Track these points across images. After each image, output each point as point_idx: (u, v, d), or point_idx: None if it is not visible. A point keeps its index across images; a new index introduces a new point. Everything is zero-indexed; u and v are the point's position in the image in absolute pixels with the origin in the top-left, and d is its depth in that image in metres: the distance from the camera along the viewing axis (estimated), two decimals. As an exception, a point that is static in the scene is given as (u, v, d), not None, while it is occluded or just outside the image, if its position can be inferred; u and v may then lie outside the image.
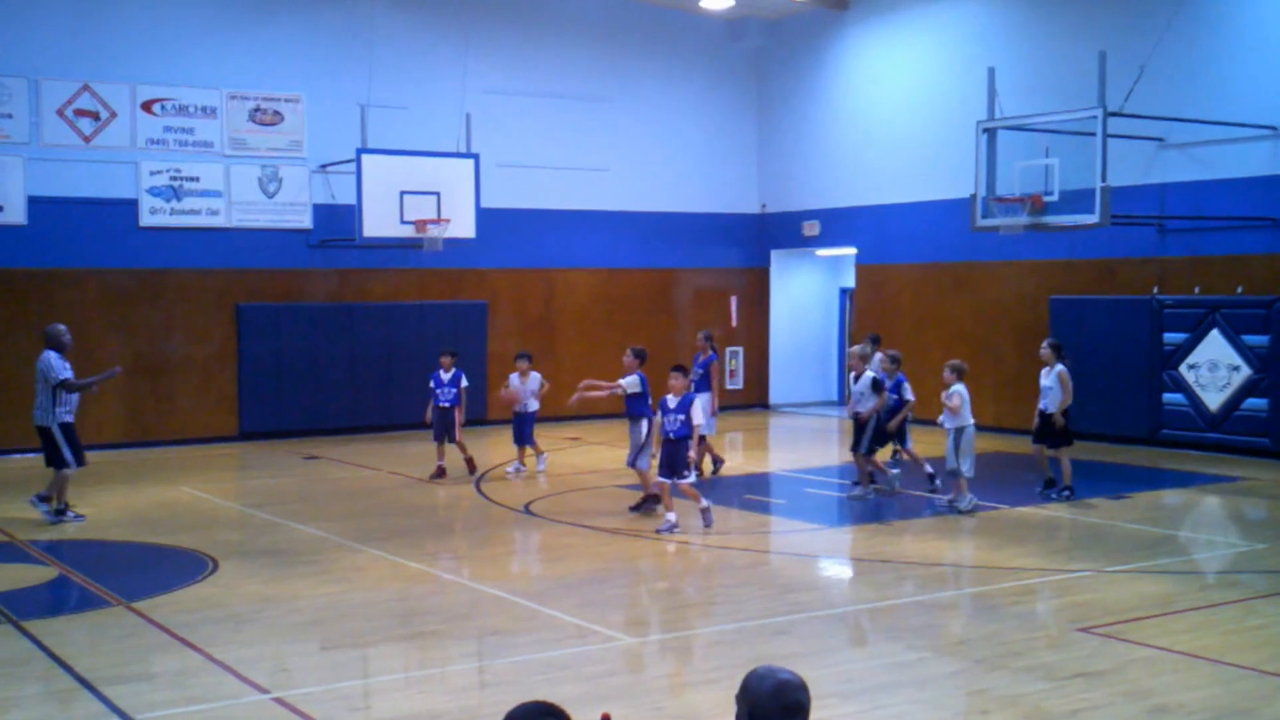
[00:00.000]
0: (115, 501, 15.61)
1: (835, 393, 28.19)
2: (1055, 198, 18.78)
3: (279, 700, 8.72)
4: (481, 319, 24.68)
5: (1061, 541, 14.18)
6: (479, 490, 17.49)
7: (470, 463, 18.37)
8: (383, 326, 23.55)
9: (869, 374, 16.65)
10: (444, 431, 18.29)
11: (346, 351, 23.21)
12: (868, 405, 16.49)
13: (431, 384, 18.51)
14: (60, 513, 15.27)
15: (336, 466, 19.68)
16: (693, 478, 14.76)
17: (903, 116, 24.83)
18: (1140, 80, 18.96)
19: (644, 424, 15.36)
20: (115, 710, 8.52)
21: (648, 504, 15.41)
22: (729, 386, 27.08)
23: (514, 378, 18.87)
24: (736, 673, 9.36)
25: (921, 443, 18.53)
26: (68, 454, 15.15)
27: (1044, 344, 17.26)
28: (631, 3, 26.24)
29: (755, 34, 27.26)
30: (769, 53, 27.67)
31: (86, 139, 21.48)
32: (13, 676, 9.31)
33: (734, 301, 27.67)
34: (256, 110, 22.83)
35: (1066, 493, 16.45)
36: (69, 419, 15.29)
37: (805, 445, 23.08)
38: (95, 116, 21.53)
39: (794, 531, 15.15)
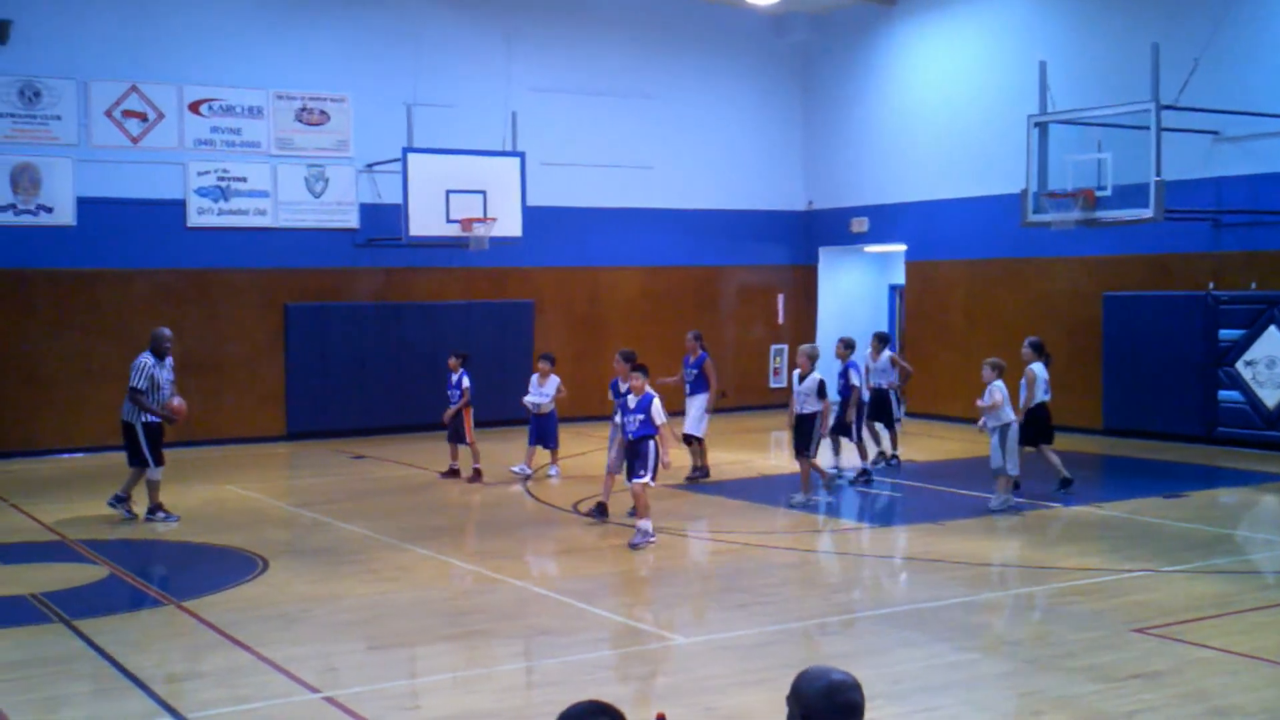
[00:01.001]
0: (164, 501, 15.64)
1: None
2: (1108, 192, 18.59)
3: (328, 699, 8.69)
4: (528, 318, 24.65)
5: (1115, 541, 13.97)
6: (526, 489, 17.45)
7: (476, 472, 18.20)
8: (429, 326, 23.56)
9: (815, 375, 15.77)
10: (453, 433, 18.31)
11: (393, 351, 23.23)
12: (813, 408, 15.69)
13: (447, 388, 18.60)
14: (151, 512, 15.30)
15: (384, 466, 19.69)
16: (647, 479, 13.76)
17: (952, 111, 24.60)
18: (1194, 72, 18.74)
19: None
20: (166, 708, 8.52)
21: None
22: (773, 385, 26.95)
23: (534, 379, 18.55)
24: (787, 673, 9.26)
25: (953, 439, 18.26)
26: (148, 454, 15.18)
27: (1025, 343, 17.18)
28: (677, -1, 26.21)
29: (802, 28, 27.09)
30: (815, 47, 27.50)
31: (134, 140, 21.61)
32: (64, 674, 9.33)
33: (781, 299, 27.52)
34: (303, 110, 22.90)
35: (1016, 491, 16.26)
36: (153, 420, 15.29)
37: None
38: (143, 118, 21.65)
39: (841, 531, 15.03)
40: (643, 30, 25.95)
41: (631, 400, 14.02)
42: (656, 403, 13.78)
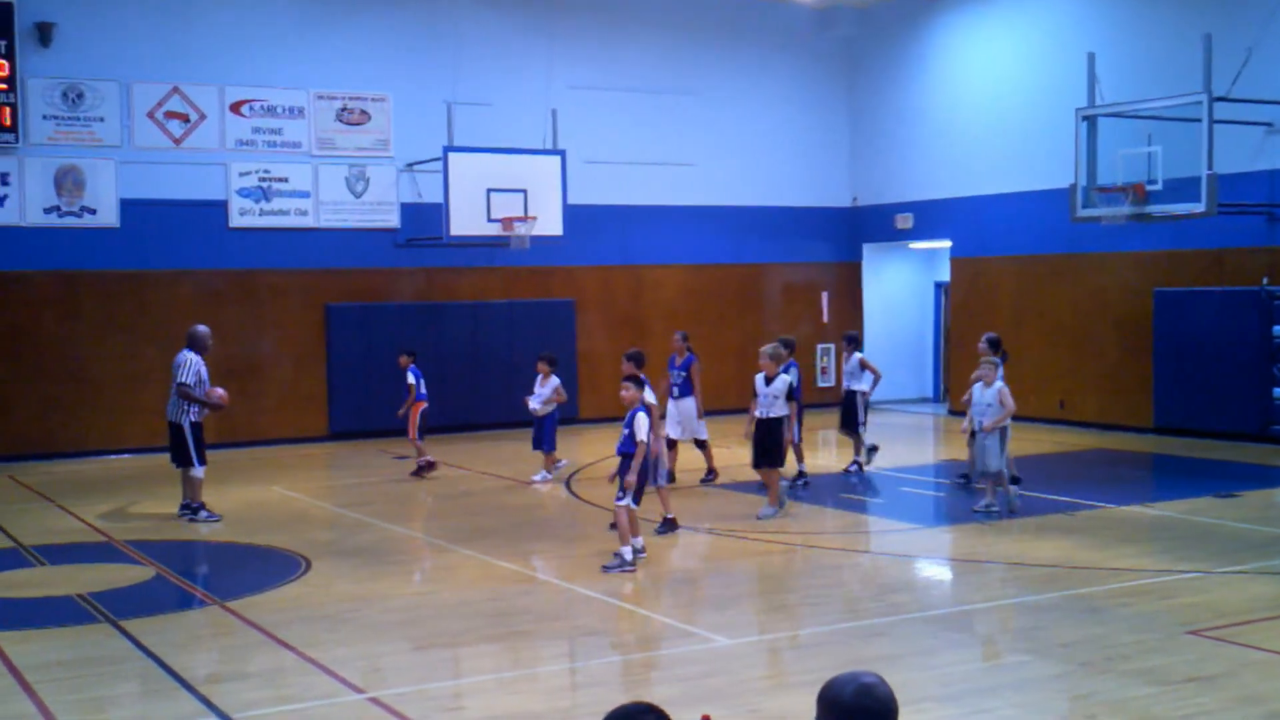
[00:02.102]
0: (208, 502, 15.68)
1: (931, 389, 27.78)
2: (1159, 186, 18.33)
3: (373, 700, 8.64)
4: (570, 317, 24.59)
5: (1167, 541, 13.75)
6: (569, 490, 17.38)
7: (429, 464, 18.45)
8: (470, 325, 23.53)
9: (785, 377, 14.92)
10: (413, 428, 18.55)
11: (434, 351, 23.19)
12: (779, 412, 14.86)
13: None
14: (193, 511, 15.35)
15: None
16: (627, 500, 12.51)
17: (999, 105, 24.36)
18: (1248, 63, 18.45)
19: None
20: (212, 708, 8.49)
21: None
22: (820, 384, 26.79)
23: (537, 380, 18.26)
24: (834, 673, 9.14)
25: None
26: (195, 454, 15.22)
27: (983, 338, 17.03)
28: (719, -5, 26.09)
29: (845, 22, 26.90)
30: (860, 42, 27.32)
31: (177, 141, 21.68)
32: (111, 675, 9.32)
33: (825, 297, 27.34)
34: (344, 110, 22.92)
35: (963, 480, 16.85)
36: (199, 419, 15.37)
37: (900, 443, 22.68)
38: (185, 119, 21.72)
39: (890, 531, 14.87)
40: (684, 26, 25.84)
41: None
42: (641, 417, 12.63)
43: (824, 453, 21.18)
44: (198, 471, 15.35)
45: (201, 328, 15.76)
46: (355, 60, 22.97)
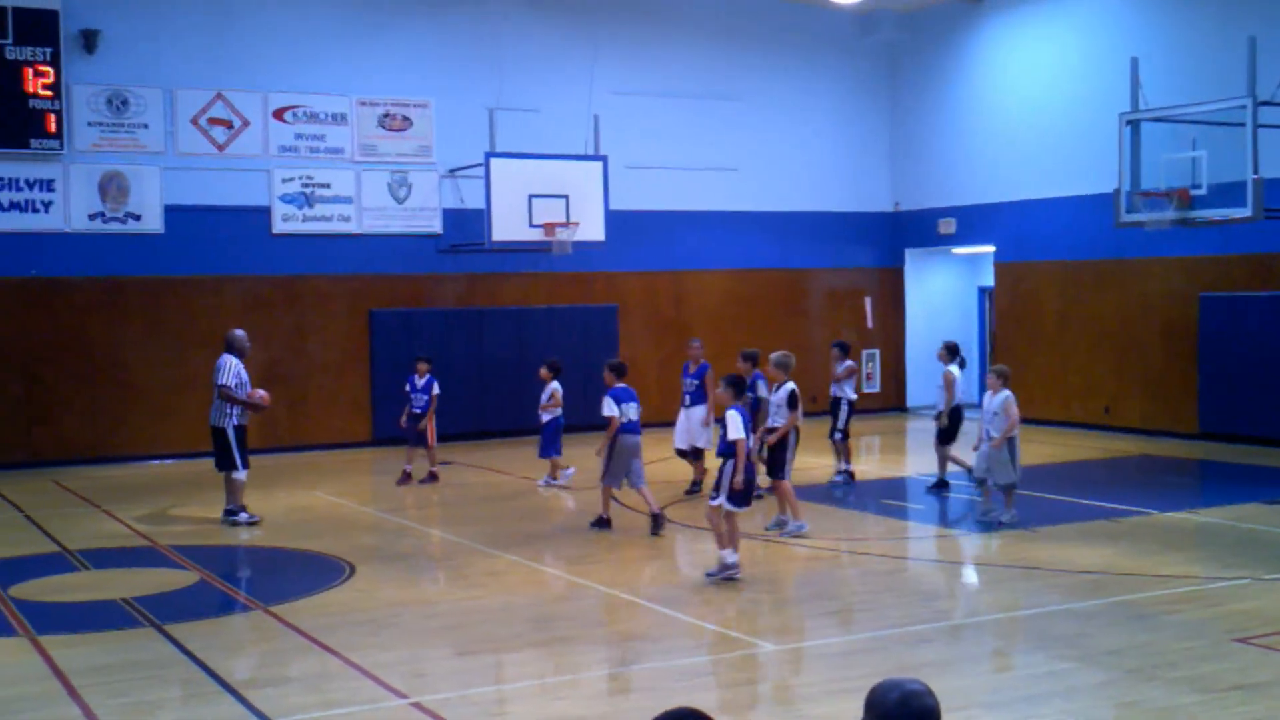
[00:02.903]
0: (252, 507, 15.75)
1: (976, 395, 27.55)
2: (1204, 191, 18.15)
3: (416, 705, 8.64)
4: (612, 323, 24.58)
5: (1214, 548, 13.62)
6: (613, 497, 17.32)
7: (433, 475, 18.43)
8: (513, 331, 23.56)
9: (788, 385, 14.41)
10: (416, 437, 18.33)
11: (476, 356, 23.25)
12: (781, 421, 14.36)
13: (407, 388, 18.60)
14: (233, 514, 15.43)
15: (469, 471, 19.69)
16: (720, 500, 12.11)
17: (1041, 109, 24.21)
18: (1294, 67, 18.24)
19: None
20: (256, 713, 8.52)
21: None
22: (865, 389, 26.68)
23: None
24: (878, 680, 9.11)
25: (1046, 443, 17.87)
26: (238, 457, 15.32)
27: (942, 345, 17.51)
28: None
29: (888, 27, 26.80)
30: (902, 46, 27.21)
31: (220, 147, 21.81)
32: (156, 679, 9.37)
33: (869, 302, 27.22)
34: (386, 116, 23.00)
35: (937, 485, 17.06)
36: (242, 423, 15.46)
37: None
38: (228, 125, 21.85)
39: (934, 537, 14.78)
40: (726, 31, 25.80)
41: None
42: (732, 415, 12.08)
43: (868, 457, 21.06)
44: (240, 475, 15.44)
45: (239, 331, 15.88)
46: (397, 67, 23.05)
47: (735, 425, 11.95)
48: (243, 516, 15.43)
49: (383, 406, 22.76)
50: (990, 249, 25.74)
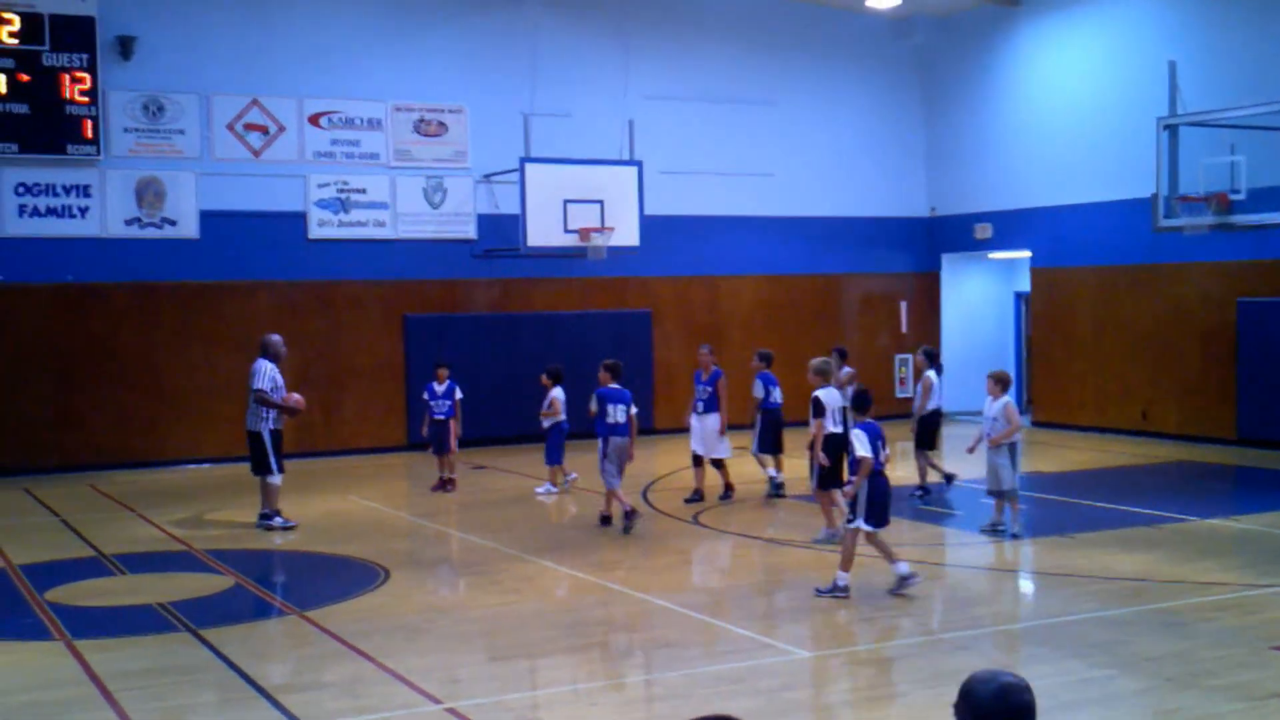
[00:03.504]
0: (287, 511, 15.80)
1: (1013, 400, 27.37)
2: (1242, 196, 18.01)
3: (450, 710, 8.63)
4: (646, 328, 24.56)
5: (1252, 555, 13.49)
6: (646, 500, 17.33)
7: (451, 482, 18.36)
8: (547, 336, 23.56)
9: (815, 392, 14.07)
10: (441, 444, 18.33)
11: (511, 361, 23.25)
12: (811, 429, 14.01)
13: (425, 396, 18.60)
14: (268, 518, 15.48)
15: (504, 476, 19.69)
16: (857, 523, 11.77)
17: (1078, 114, 24.05)
18: (1333, 70, 18.10)
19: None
20: (291, 718, 8.53)
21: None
22: (899, 395, 26.57)
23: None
24: (915, 688, 9.06)
25: (1082, 449, 17.72)
26: (273, 461, 15.37)
27: (919, 350, 17.55)
28: (795, 3, 25.92)
29: (923, 31, 26.70)
30: (937, 51, 27.09)
31: (256, 153, 21.91)
32: (191, 684, 9.39)
33: (904, 307, 27.12)
34: (421, 122, 23.06)
35: (920, 492, 16.95)
36: (277, 427, 15.51)
37: (980, 455, 22.41)
38: (264, 131, 21.95)
39: (971, 544, 14.67)
40: (761, 36, 25.75)
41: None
42: (857, 432, 11.95)
43: (904, 463, 20.94)
44: (275, 479, 15.49)
45: (274, 336, 15.93)
46: (432, 72, 23.11)
47: (861, 443, 11.70)
48: (277, 521, 15.48)
49: (417, 411, 22.70)
50: (1026, 254, 25.60)
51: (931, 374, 17.31)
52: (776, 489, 17.17)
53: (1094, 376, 23.70)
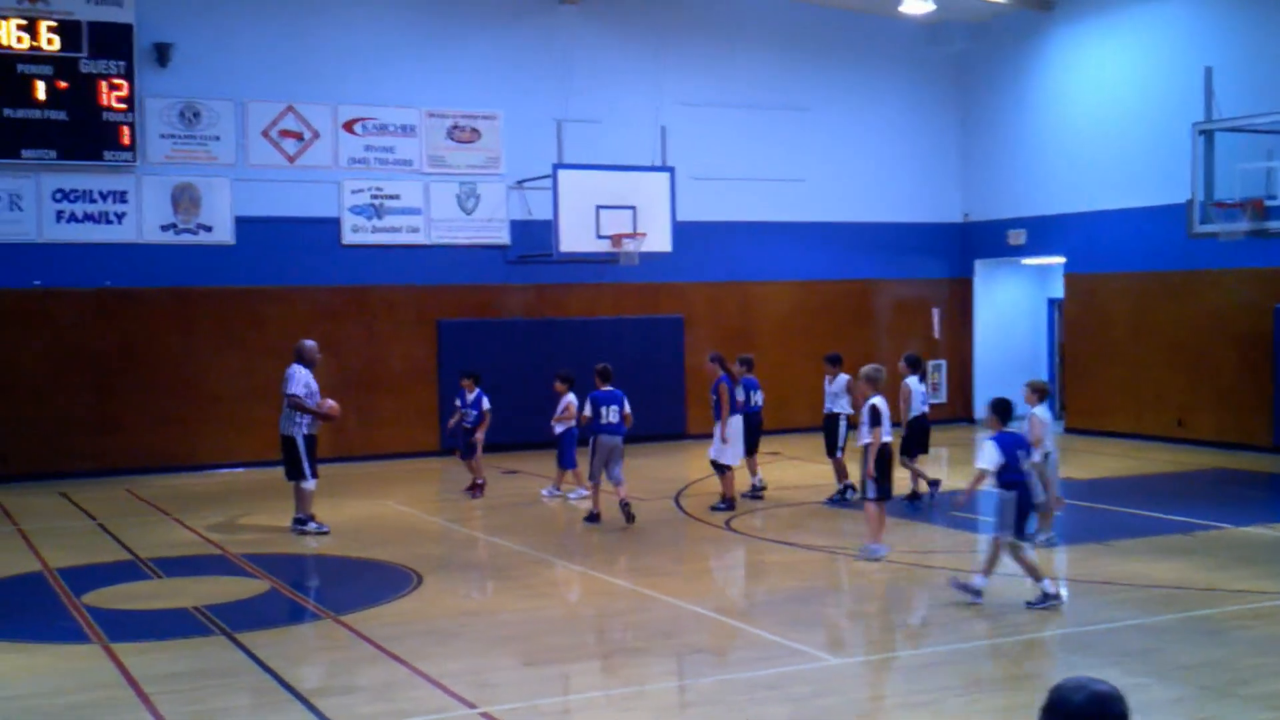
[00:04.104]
0: (321, 516, 15.87)
1: (1048, 410, 27.26)
2: (1278, 201, 17.87)
3: (483, 715, 8.66)
4: (677, 333, 24.56)
5: (1292, 563, 13.40)
6: (678, 506, 17.33)
7: (480, 486, 18.51)
8: (579, 341, 23.57)
9: (870, 400, 13.82)
10: (467, 449, 18.56)
11: (544, 366, 23.23)
12: (864, 438, 13.89)
13: (457, 403, 18.77)
14: (302, 523, 15.57)
15: (536, 481, 19.72)
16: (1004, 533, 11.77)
17: (1113, 119, 23.93)
18: (1370, 75, 17.96)
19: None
20: (323, 722, 8.57)
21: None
22: (931, 400, 26.49)
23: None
24: (949, 695, 9.04)
25: (1117, 455, 17.57)
26: (307, 467, 15.45)
27: (902, 358, 17.58)
28: (828, 9, 25.89)
29: (957, 37, 26.60)
30: (971, 56, 27.01)
31: (290, 159, 22.03)
32: (227, 687, 9.44)
33: (936, 313, 27.04)
34: (454, 128, 23.14)
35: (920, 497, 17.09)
36: (312, 432, 15.59)
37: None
38: (299, 137, 22.07)
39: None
40: (794, 42, 25.73)
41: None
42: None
43: (936, 468, 20.88)
44: (309, 484, 15.56)
45: (308, 342, 16.00)
46: (466, 79, 23.19)
47: (988, 454, 11.53)
48: (311, 526, 15.54)
49: (449, 416, 22.85)
50: (1060, 260, 25.48)
51: (912, 381, 17.22)
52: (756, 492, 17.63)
53: (1129, 383, 23.56)
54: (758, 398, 17.57)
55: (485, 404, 18.60)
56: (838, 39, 26.08)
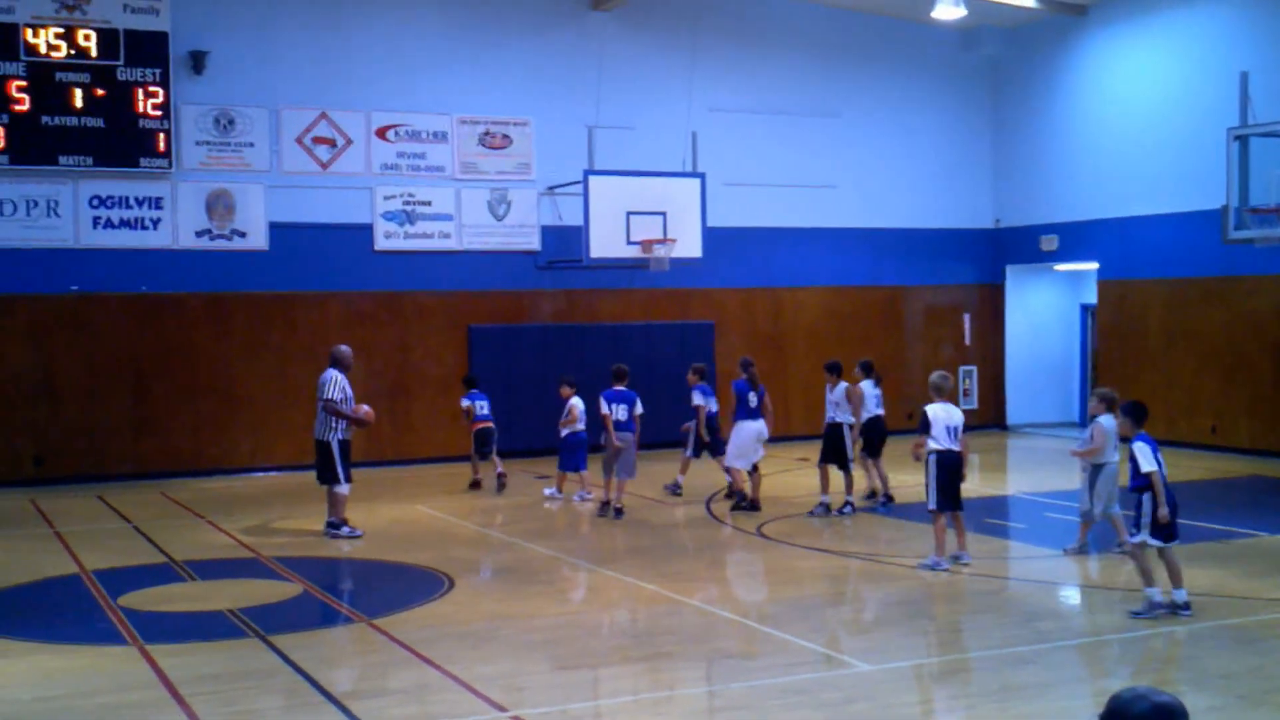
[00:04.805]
0: (354, 520, 15.95)
1: (1076, 413, 27.20)
2: (1315, 207, 17.78)
3: (515, 718, 8.69)
4: (708, 339, 24.56)
5: (1329, 570, 13.30)
6: (709, 511, 17.34)
7: (478, 484, 19.76)
8: (610, 347, 23.59)
9: (926, 408, 13.79)
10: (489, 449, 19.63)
11: (575, 372, 23.24)
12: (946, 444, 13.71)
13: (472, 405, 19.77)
14: (335, 527, 15.64)
15: (567, 485, 19.74)
16: (1142, 537, 11.53)
17: (1146, 124, 23.82)
18: None
19: None
20: (356, 725, 8.61)
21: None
22: (961, 406, 26.43)
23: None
24: (979, 701, 9.02)
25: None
26: (341, 471, 15.54)
27: (857, 365, 17.89)
28: (860, 15, 25.87)
29: (991, 42, 26.51)
30: (1004, 62, 26.93)
31: (324, 166, 22.15)
32: (261, 689, 9.50)
33: (967, 319, 26.97)
34: (486, 134, 23.22)
35: (885, 500, 17.42)
36: (346, 437, 15.68)
37: (1044, 467, 22.26)
38: (332, 144, 22.19)
39: (1036, 558, 14.55)
40: (826, 48, 25.72)
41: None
42: (1140, 446, 11.62)
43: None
44: (342, 489, 15.64)
45: (344, 347, 16.12)
46: (498, 85, 23.27)
47: (1145, 457, 11.37)
48: (344, 530, 15.62)
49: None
50: (1093, 266, 25.37)
51: (866, 385, 17.42)
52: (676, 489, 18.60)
53: (1162, 390, 23.42)
54: (712, 404, 18.67)
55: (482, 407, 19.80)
56: (869, 44, 26.05)
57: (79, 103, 20.48)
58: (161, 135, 20.90)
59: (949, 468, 13.50)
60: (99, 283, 20.95)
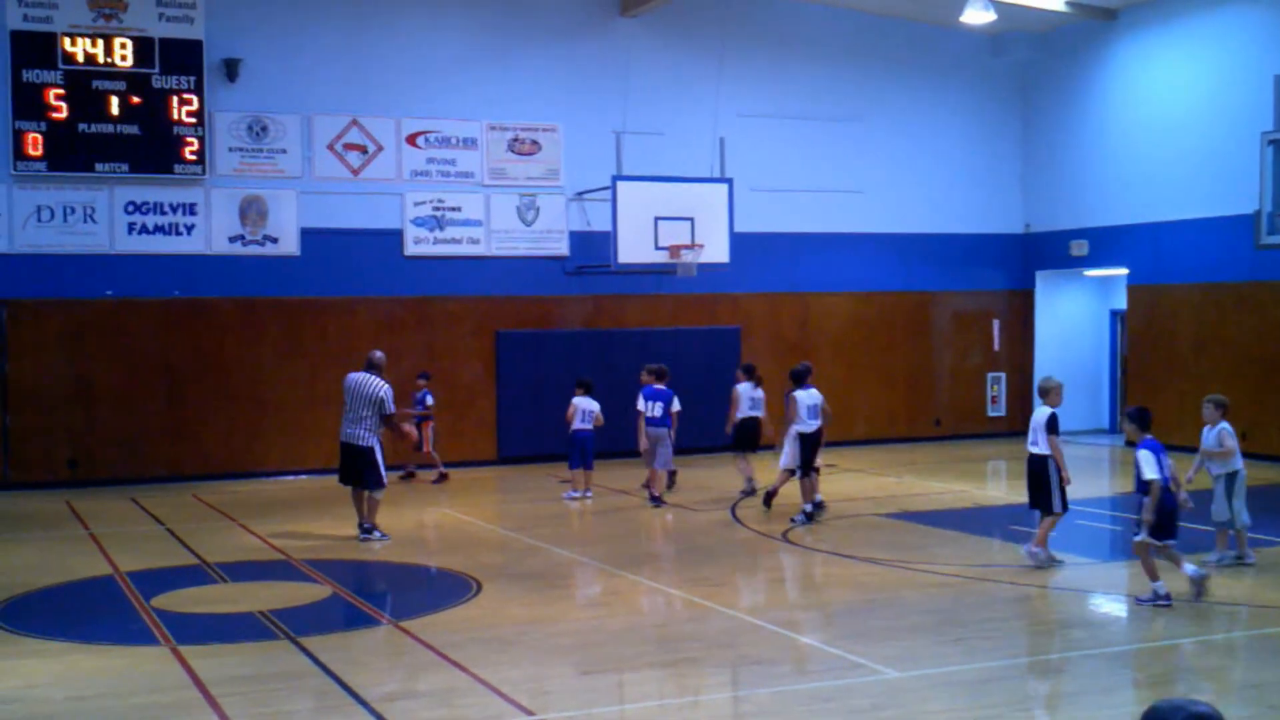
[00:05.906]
0: (382, 523, 16.03)
1: (1106, 420, 27.09)
2: (1347, 212, 17.71)
3: (542, 723, 8.75)
4: (735, 344, 24.58)
5: (1359, 579, 13.23)
6: (734, 516, 17.37)
7: (413, 475, 21.00)
8: (637, 352, 23.60)
9: (1043, 409, 14.18)
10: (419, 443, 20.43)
11: (602, 377, 23.31)
12: (1042, 449, 14.14)
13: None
14: (369, 531, 15.75)
15: (593, 491, 19.81)
16: (1142, 536, 11.96)
17: (1178, 129, 23.73)
18: None
19: None
20: (384, 728, 8.68)
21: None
22: (990, 414, 26.42)
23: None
24: (1007, 711, 9.02)
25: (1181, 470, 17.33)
26: (384, 475, 15.70)
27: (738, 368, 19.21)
28: (888, 20, 25.85)
29: (1020, 47, 26.44)
30: (1034, 67, 26.86)
31: (355, 172, 22.29)
32: (290, 690, 9.58)
33: (996, 325, 26.91)
34: (515, 140, 23.31)
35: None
36: (381, 441, 15.91)
37: (1074, 475, 22.15)
38: (363, 150, 22.32)
39: (1065, 566, 14.53)
40: (854, 53, 25.71)
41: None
42: (1144, 454, 12.20)
43: (995, 482, 20.78)
44: (378, 493, 15.76)
45: (379, 353, 16.27)
46: (527, 92, 23.36)
47: (1149, 465, 11.87)
48: (376, 534, 15.72)
49: (508, 426, 23.04)
50: (1123, 271, 25.28)
51: (743, 386, 18.89)
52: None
53: (1193, 396, 23.19)
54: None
55: (429, 400, 20.85)
56: (898, 50, 26.03)
57: (115, 110, 20.68)
58: (195, 142, 21.08)
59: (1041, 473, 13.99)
60: (134, 288, 21.14)
